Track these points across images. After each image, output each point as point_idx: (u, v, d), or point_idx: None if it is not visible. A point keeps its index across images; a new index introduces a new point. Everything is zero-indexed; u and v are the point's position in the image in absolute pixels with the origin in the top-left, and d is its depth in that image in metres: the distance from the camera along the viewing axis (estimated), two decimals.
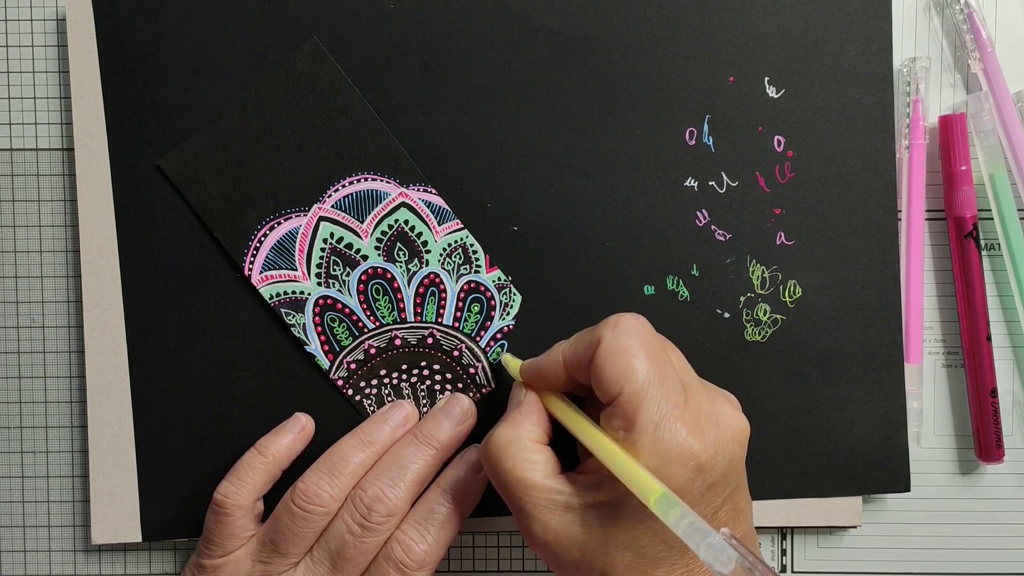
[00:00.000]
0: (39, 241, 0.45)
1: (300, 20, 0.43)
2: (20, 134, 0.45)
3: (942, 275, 0.45)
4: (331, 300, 0.43)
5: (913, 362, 0.44)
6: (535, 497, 0.36)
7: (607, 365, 0.35)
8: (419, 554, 0.39)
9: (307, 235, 0.43)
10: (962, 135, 0.43)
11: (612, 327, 0.36)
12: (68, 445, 0.45)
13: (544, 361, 0.39)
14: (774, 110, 0.43)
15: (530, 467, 0.37)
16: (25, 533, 0.46)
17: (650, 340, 0.36)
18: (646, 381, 0.35)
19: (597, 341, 0.36)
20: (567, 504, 0.36)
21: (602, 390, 0.35)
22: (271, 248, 0.43)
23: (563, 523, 0.36)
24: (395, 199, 0.43)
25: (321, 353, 0.43)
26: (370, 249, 0.43)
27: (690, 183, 0.43)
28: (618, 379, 0.35)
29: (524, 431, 0.38)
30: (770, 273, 0.44)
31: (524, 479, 0.36)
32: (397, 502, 0.40)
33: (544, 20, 0.43)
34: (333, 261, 0.43)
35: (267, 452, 0.41)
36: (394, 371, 0.43)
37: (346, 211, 0.43)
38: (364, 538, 0.39)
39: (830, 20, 0.43)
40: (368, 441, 0.42)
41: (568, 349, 0.38)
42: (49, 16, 0.45)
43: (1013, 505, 0.45)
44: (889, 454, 0.44)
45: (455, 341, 0.43)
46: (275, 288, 0.43)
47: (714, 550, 0.30)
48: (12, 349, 0.45)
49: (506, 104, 0.43)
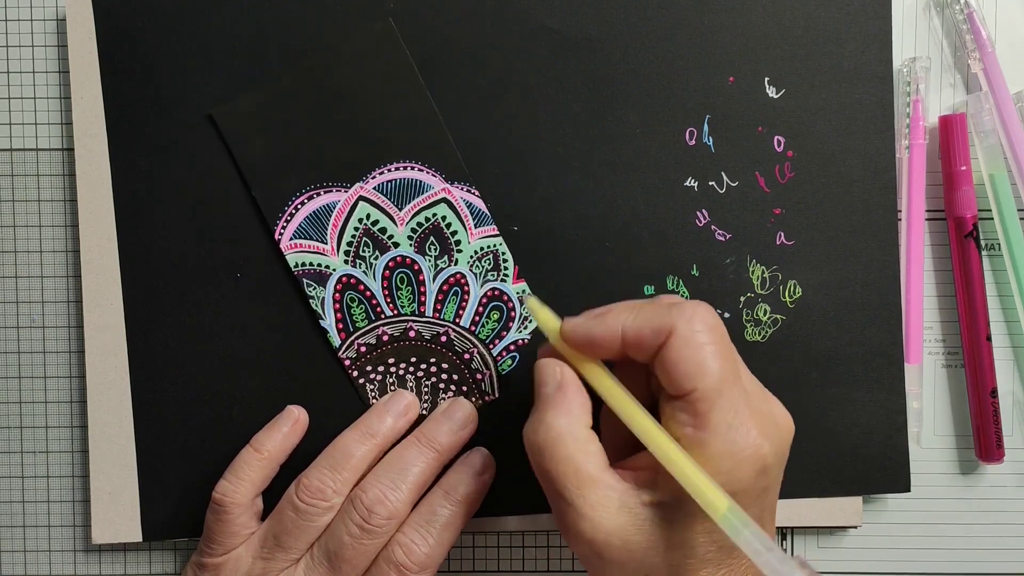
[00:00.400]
0: (39, 241, 0.45)
1: (300, 20, 0.43)
2: (20, 134, 0.45)
3: (942, 275, 0.45)
4: (355, 280, 0.43)
5: (913, 362, 0.44)
6: (590, 492, 0.34)
7: (681, 359, 0.34)
8: (420, 556, 0.39)
9: (343, 212, 0.43)
10: (962, 135, 0.43)
11: (687, 319, 0.34)
12: (68, 445, 0.45)
13: (599, 330, 0.35)
14: (774, 110, 0.43)
15: (586, 459, 0.35)
16: (25, 533, 0.46)
17: (723, 337, 0.35)
18: (721, 380, 0.34)
19: (669, 330, 0.34)
20: (620, 503, 0.34)
21: (672, 384, 0.34)
22: (306, 217, 0.43)
23: (616, 522, 0.34)
24: (437, 193, 0.43)
25: (334, 330, 0.43)
26: (403, 238, 0.43)
27: (690, 183, 0.43)
28: (692, 376, 0.34)
29: (578, 418, 0.36)
30: (770, 273, 0.44)
31: (583, 472, 0.34)
32: (398, 504, 0.39)
33: (544, 20, 0.43)
34: (364, 242, 0.43)
35: (262, 448, 0.41)
36: (403, 361, 0.43)
37: (387, 195, 0.43)
38: (363, 540, 0.39)
39: (830, 20, 0.43)
40: (370, 434, 0.41)
41: (631, 326, 0.35)
42: (49, 16, 0.45)
43: (1013, 505, 0.45)
44: (889, 454, 0.44)
45: (468, 344, 0.43)
46: (302, 257, 0.43)
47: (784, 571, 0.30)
48: (12, 349, 0.45)
49: (506, 104, 0.43)
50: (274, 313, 0.43)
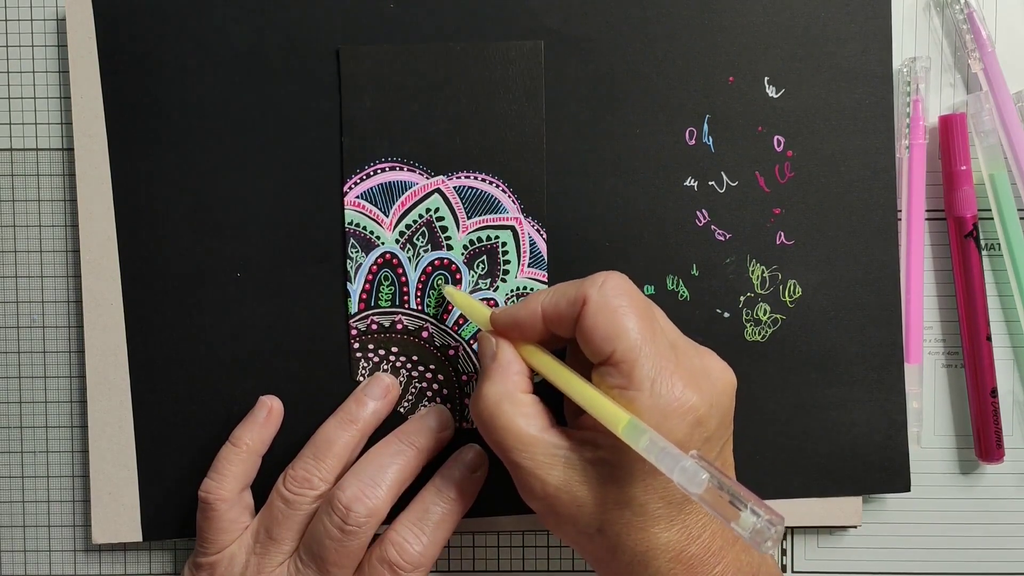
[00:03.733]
0: (39, 241, 0.45)
1: (300, 20, 0.43)
2: (20, 134, 0.45)
3: (942, 275, 0.45)
4: (397, 261, 0.43)
5: (913, 362, 0.44)
6: (534, 452, 0.36)
7: (597, 324, 0.35)
8: (413, 555, 0.39)
9: (416, 195, 0.43)
10: (962, 135, 0.43)
11: (598, 286, 0.36)
12: (68, 445, 0.45)
13: (522, 312, 0.38)
14: (774, 110, 0.43)
15: (525, 422, 0.36)
16: (25, 533, 0.46)
17: (637, 298, 0.36)
18: (638, 339, 0.35)
19: (583, 299, 0.36)
20: (566, 459, 0.36)
21: (592, 349, 0.36)
22: (380, 184, 0.43)
23: (563, 478, 0.36)
24: (508, 219, 0.43)
25: (357, 297, 0.43)
26: (458, 244, 0.43)
27: (690, 183, 0.43)
28: (610, 338, 0.35)
29: (513, 383, 0.37)
30: (770, 273, 0.44)
31: (524, 434, 0.36)
32: (376, 502, 0.39)
33: (544, 20, 0.43)
34: (421, 231, 0.43)
35: (239, 442, 0.42)
36: (404, 355, 0.43)
37: (462, 199, 0.43)
38: (344, 541, 0.39)
39: (830, 20, 0.43)
40: (350, 420, 0.41)
41: (549, 303, 0.37)
42: (49, 16, 0.45)
43: (1013, 505, 0.45)
44: (889, 454, 0.44)
45: (473, 368, 0.43)
46: (359, 218, 0.43)
47: (687, 473, 0.31)
48: (12, 349, 0.45)
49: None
50: (274, 313, 0.43)
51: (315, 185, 0.43)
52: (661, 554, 0.35)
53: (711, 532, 0.35)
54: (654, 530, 0.35)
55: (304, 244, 0.43)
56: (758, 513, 0.30)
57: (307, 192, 0.43)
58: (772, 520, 0.30)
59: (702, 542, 0.35)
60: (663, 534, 0.35)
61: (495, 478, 0.43)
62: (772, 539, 0.30)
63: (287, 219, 0.43)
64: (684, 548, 0.35)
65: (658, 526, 0.35)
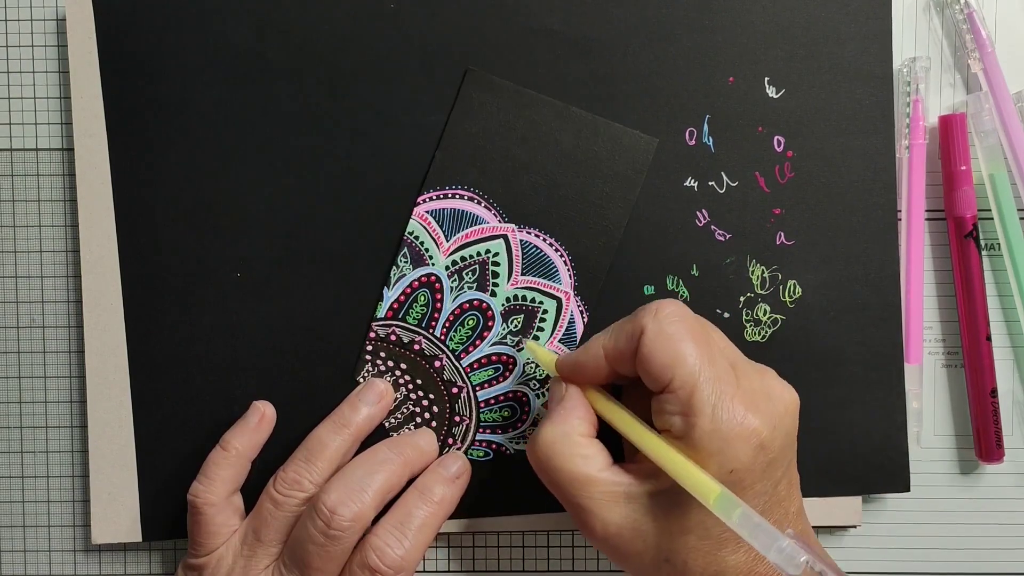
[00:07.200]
0: (39, 241, 0.45)
1: (300, 20, 0.43)
2: (20, 134, 0.45)
3: (942, 275, 0.45)
4: (439, 286, 0.43)
5: (913, 362, 0.44)
6: (592, 492, 0.36)
7: (654, 353, 0.35)
8: (395, 559, 0.39)
9: (482, 233, 0.43)
10: (962, 135, 0.43)
11: (653, 315, 0.36)
12: (68, 445, 0.45)
13: (583, 356, 0.38)
14: (774, 110, 0.43)
15: (583, 462, 0.36)
16: (25, 533, 0.46)
17: (693, 323, 0.36)
18: (696, 364, 0.34)
19: (640, 331, 0.36)
20: (627, 495, 0.36)
21: (652, 379, 0.35)
22: (453, 209, 0.43)
23: (624, 515, 0.36)
24: (559, 291, 0.43)
25: (388, 304, 0.43)
26: (502, 294, 0.43)
27: (690, 183, 0.43)
28: (668, 366, 0.35)
29: (572, 426, 0.37)
30: (770, 273, 0.44)
31: (579, 474, 0.36)
32: (362, 507, 0.39)
33: (544, 20, 0.43)
34: (472, 268, 0.43)
35: (229, 446, 0.42)
36: (410, 375, 0.43)
37: (523, 254, 0.43)
38: (328, 546, 0.38)
39: (830, 20, 0.43)
40: (343, 424, 0.41)
41: (609, 342, 0.37)
42: (49, 16, 0.45)
43: (1013, 505, 0.45)
44: (889, 454, 0.44)
45: (466, 416, 0.43)
46: (421, 232, 0.43)
47: (785, 553, 0.30)
48: (12, 349, 0.45)
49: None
50: (274, 313, 0.43)
51: (317, 184, 0.43)
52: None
53: None
54: (721, 554, 0.35)
55: (304, 244, 0.43)
56: None
57: (308, 191, 0.43)
58: None
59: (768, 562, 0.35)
60: (730, 557, 0.35)
61: (495, 479, 0.43)
62: None
63: (287, 219, 0.43)
64: (752, 568, 0.35)
65: (725, 549, 0.35)
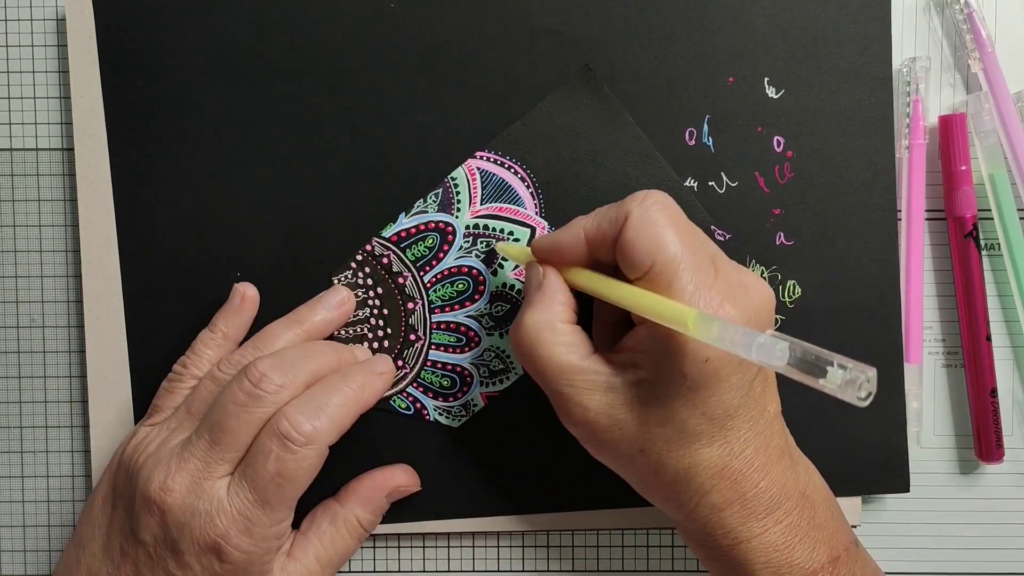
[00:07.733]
0: (39, 241, 0.45)
1: (300, 20, 0.43)
2: (20, 134, 0.45)
3: (942, 275, 0.45)
4: (452, 239, 0.43)
5: (913, 362, 0.44)
6: (574, 380, 0.36)
7: (637, 238, 0.35)
8: (307, 429, 0.36)
9: (515, 215, 0.43)
10: (962, 135, 0.43)
11: (639, 202, 0.36)
12: (68, 445, 0.45)
13: (564, 236, 0.38)
14: (774, 110, 0.43)
15: (566, 350, 0.37)
16: (25, 533, 0.46)
17: (677, 213, 0.36)
18: (678, 251, 0.35)
19: (624, 216, 0.36)
20: (607, 384, 0.36)
21: (632, 264, 0.35)
22: (502, 180, 0.43)
23: (603, 403, 0.36)
24: None
25: (398, 228, 0.43)
26: (505, 278, 0.43)
27: (690, 183, 0.43)
28: (649, 251, 0.35)
29: (555, 313, 0.37)
30: (770, 273, 0.44)
31: (564, 363, 0.36)
32: (291, 378, 0.38)
33: (544, 20, 0.43)
34: (487, 241, 0.43)
35: (215, 328, 0.42)
36: (379, 301, 0.43)
37: None
38: (249, 407, 0.37)
39: (830, 20, 0.43)
40: (297, 321, 0.42)
41: (591, 225, 0.37)
42: (49, 16, 0.45)
43: (1013, 505, 0.45)
44: (889, 454, 0.44)
45: (417, 350, 0.43)
46: (461, 181, 0.43)
47: (765, 348, 0.30)
48: (12, 349, 0.45)
49: (506, 104, 0.43)
50: (274, 313, 0.43)
51: (317, 184, 0.43)
52: (703, 470, 0.35)
53: (754, 448, 0.36)
54: (695, 447, 0.35)
55: (304, 244, 0.43)
56: (845, 366, 0.29)
57: (308, 191, 0.43)
58: (861, 370, 0.29)
59: (744, 457, 0.35)
60: (704, 450, 0.35)
61: (496, 480, 0.43)
62: (865, 387, 0.28)
63: (287, 219, 0.43)
64: (726, 464, 0.35)
65: (699, 442, 0.35)
